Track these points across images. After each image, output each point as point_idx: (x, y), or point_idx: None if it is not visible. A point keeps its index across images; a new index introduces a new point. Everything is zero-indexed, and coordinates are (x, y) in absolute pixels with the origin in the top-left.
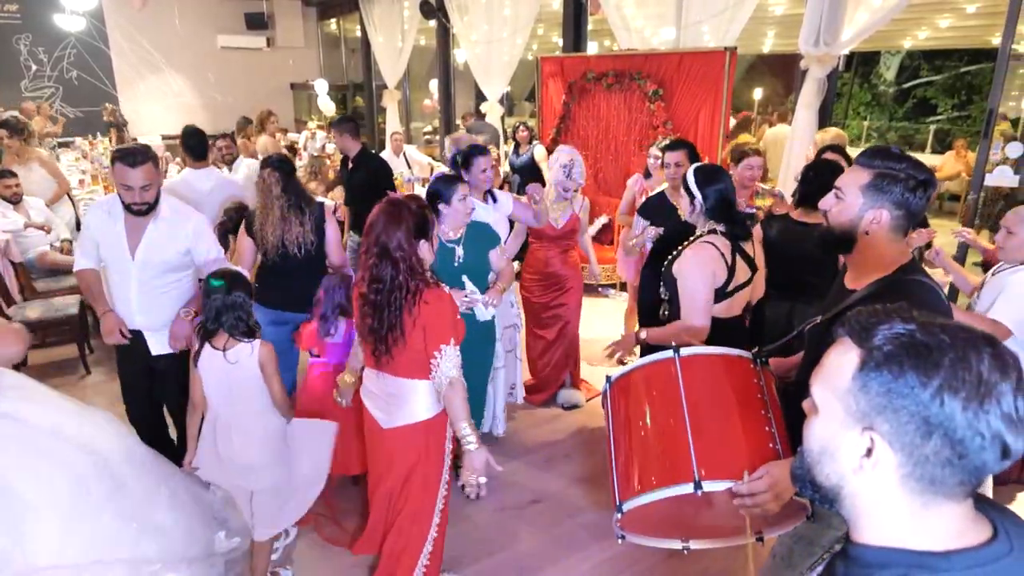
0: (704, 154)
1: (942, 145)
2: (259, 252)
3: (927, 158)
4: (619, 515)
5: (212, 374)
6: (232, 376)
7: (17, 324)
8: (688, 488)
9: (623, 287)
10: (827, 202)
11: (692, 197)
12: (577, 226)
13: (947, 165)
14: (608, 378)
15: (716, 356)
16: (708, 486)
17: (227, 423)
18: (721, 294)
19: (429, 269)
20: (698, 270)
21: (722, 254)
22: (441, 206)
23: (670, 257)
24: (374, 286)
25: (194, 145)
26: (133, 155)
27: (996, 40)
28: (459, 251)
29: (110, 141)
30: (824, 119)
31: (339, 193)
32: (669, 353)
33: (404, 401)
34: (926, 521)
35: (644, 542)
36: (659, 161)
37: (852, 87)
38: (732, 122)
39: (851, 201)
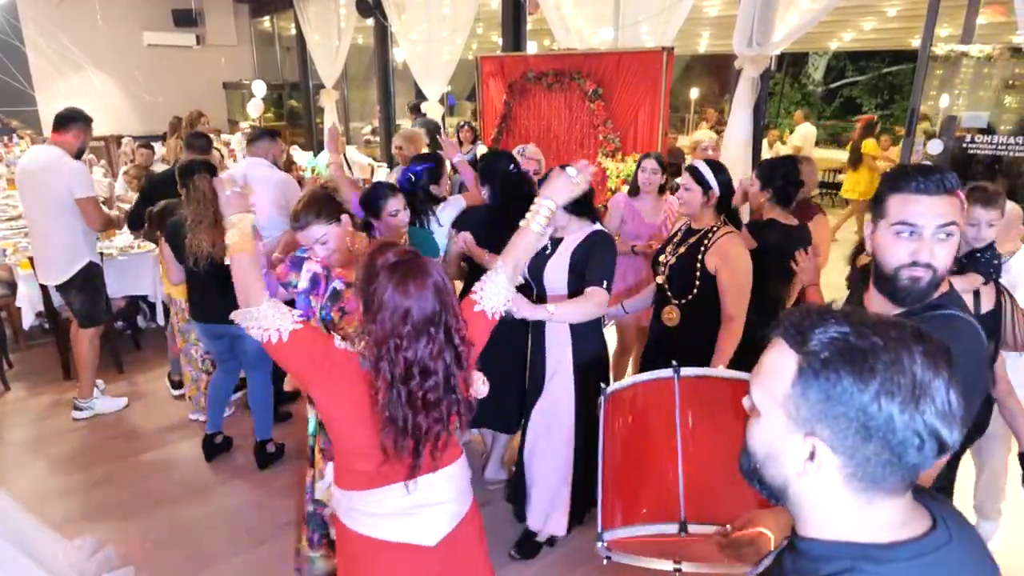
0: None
1: None
2: (187, 263)
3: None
4: (599, 543)
5: None
6: None
7: None
8: (672, 528)
9: None
10: (934, 249)
11: (708, 188)
12: None
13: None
14: (603, 390)
15: (721, 381)
16: (694, 528)
17: None
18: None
19: None
20: (747, 262)
21: None
22: (373, 220)
23: (676, 253)
24: (426, 382)
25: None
26: None
27: (916, 42)
28: None
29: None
30: (758, 118)
31: None
32: (669, 372)
33: (450, 494)
34: (870, 515)
35: (631, 562)
36: (657, 176)
37: (783, 87)
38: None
39: (958, 232)
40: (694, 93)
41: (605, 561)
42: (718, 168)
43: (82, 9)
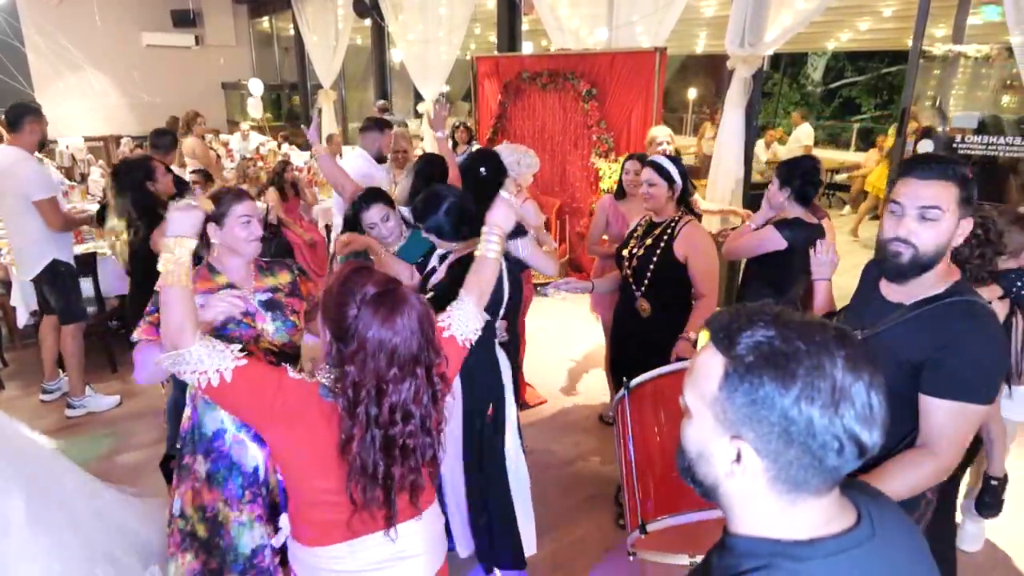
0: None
1: (865, 143)
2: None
3: (851, 155)
4: (642, 535)
5: None
6: None
7: None
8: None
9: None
10: (909, 227)
11: (672, 182)
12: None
13: (870, 161)
14: (626, 384)
15: None
16: None
17: None
18: None
19: None
20: (713, 246)
21: None
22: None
23: (642, 245)
24: (407, 427)
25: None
26: None
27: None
28: None
29: None
30: (751, 118)
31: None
32: None
33: (426, 545)
34: (794, 515)
35: (654, 558)
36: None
37: (782, 87)
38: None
39: (949, 217)
40: (692, 93)
41: (631, 558)
42: (676, 161)
43: (81, 10)
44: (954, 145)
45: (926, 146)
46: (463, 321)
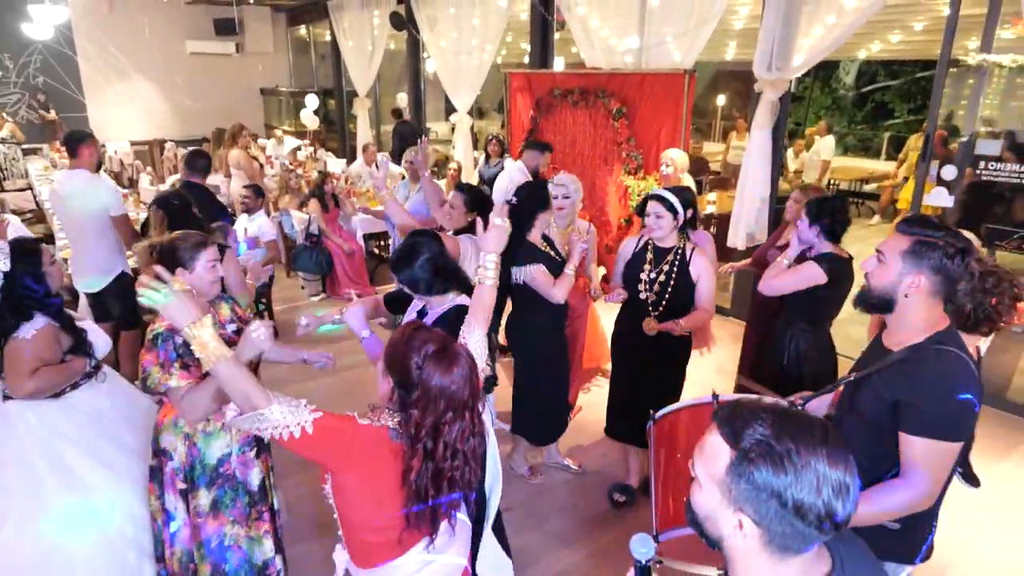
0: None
1: (897, 151)
2: None
3: (881, 164)
4: (656, 544)
5: None
6: None
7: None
8: None
9: None
10: (869, 263)
11: (676, 212)
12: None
13: (902, 172)
14: (652, 415)
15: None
16: None
17: None
18: None
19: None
20: (714, 269)
21: None
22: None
23: (659, 270)
24: (455, 462)
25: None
26: None
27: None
28: None
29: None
30: (778, 139)
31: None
32: (709, 399)
33: (455, 545)
34: (783, 568)
35: (681, 567)
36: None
37: (812, 91)
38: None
39: (891, 265)
40: (721, 100)
41: (657, 565)
42: (679, 191)
43: (130, 19)
44: (977, 172)
45: (949, 172)
46: (478, 353)
